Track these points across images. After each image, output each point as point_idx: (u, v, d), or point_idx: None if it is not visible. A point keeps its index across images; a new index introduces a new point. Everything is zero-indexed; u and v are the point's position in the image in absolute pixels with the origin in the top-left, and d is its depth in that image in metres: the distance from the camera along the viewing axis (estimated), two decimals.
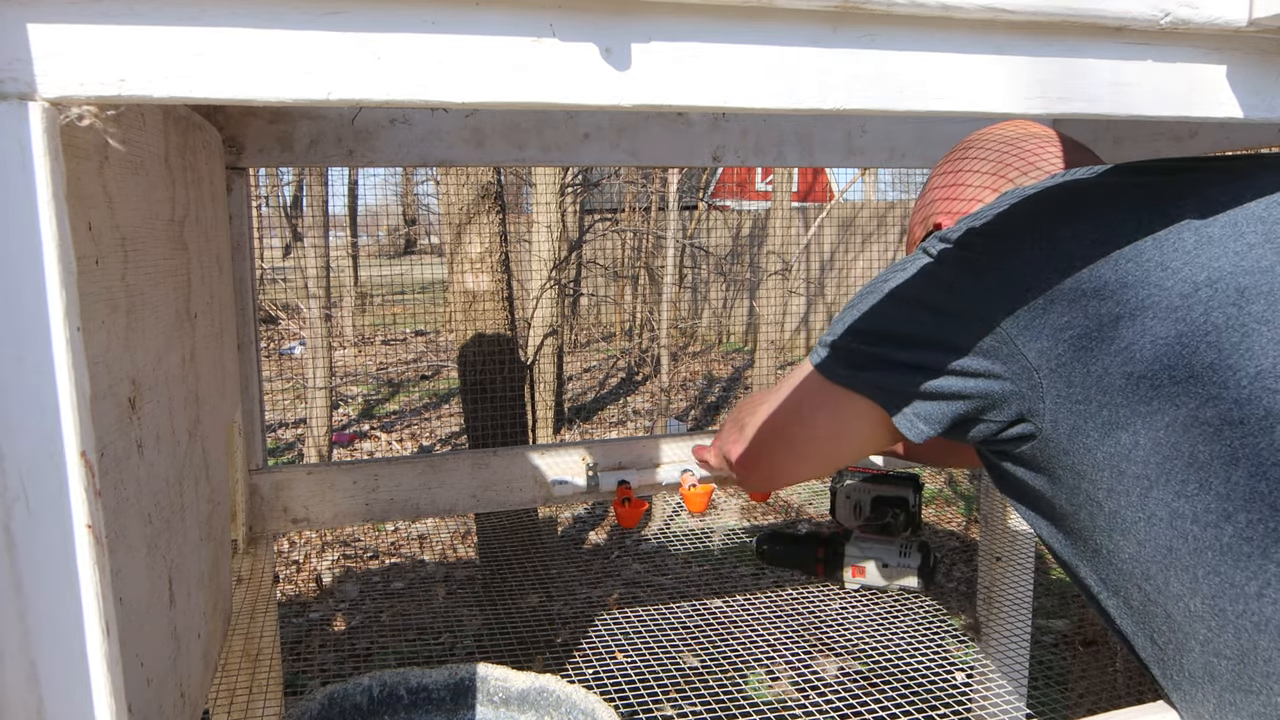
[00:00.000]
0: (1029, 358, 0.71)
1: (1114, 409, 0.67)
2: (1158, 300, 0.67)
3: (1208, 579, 0.65)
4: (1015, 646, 1.56)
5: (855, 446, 0.88)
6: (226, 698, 1.03)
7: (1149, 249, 0.69)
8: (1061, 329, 0.70)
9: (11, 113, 0.39)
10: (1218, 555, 0.64)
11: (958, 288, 0.76)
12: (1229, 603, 0.64)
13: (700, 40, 0.46)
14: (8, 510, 0.41)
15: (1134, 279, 0.69)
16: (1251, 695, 0.63)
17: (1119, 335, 0.68)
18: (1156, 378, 0.66)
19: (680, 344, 9.45)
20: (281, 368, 7.92)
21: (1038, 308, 0.71)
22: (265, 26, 0.41)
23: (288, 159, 1.34)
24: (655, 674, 1.18)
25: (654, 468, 1.52)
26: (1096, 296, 0.69)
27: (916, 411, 0.78)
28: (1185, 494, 0.65)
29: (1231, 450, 0.63)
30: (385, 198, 14.12)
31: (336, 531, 4.35)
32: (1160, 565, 0.68)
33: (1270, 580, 0.62)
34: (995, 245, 0.76)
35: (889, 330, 0.79)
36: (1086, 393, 0.69)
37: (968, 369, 0.74)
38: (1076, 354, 0.69)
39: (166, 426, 0.81)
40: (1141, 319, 0.67)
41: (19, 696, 0.42)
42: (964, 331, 0.74)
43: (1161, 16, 0.50)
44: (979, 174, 0.95)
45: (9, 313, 0.40)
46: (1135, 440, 0.67)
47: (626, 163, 1.48)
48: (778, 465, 0.96)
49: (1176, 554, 0.66)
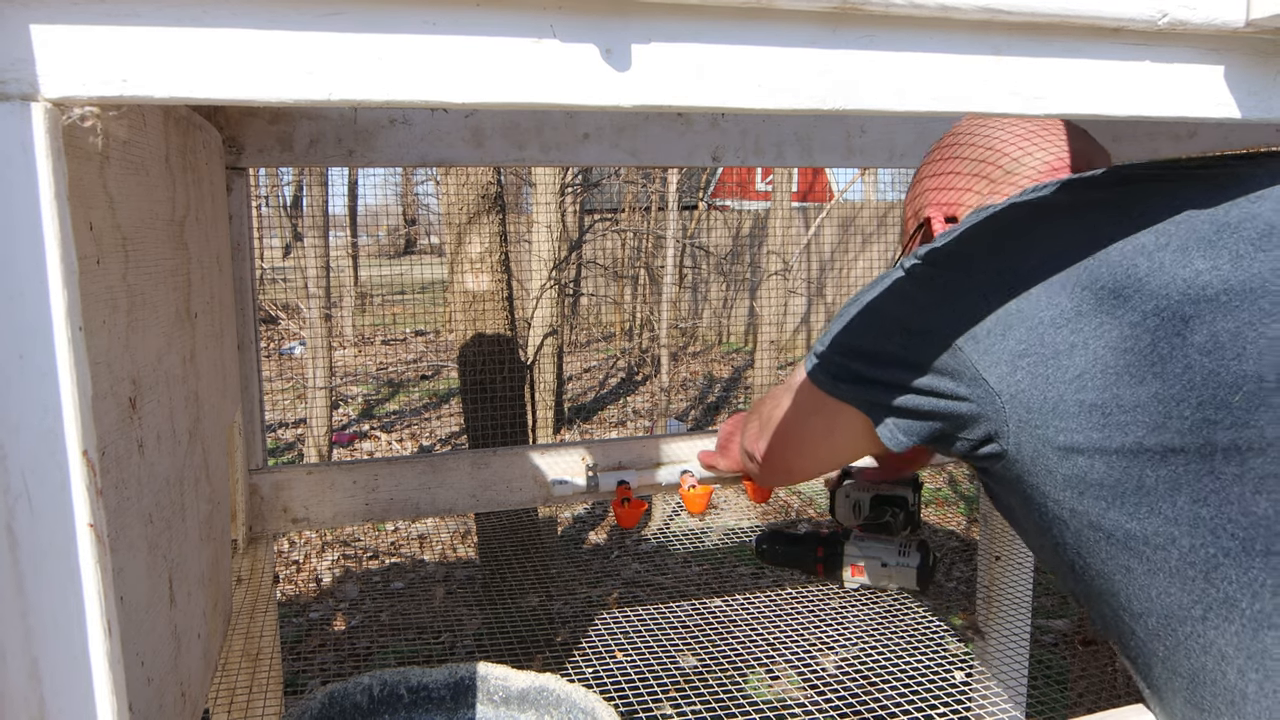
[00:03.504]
0: (990, 382, 0.72)
1: (1070, 434, 0.68)
2: (1108, 329, 0.68)
3: (1160, 599, 0.68)
4: (1015, 646, 1.56)
5: (850, 450, 0.90)
6: (226, 697, 1.03)
7: (1103, 275, 0.70)
8: (1019, 355, 0.70)
9: (14, 113, 0.39)
10: (1167, 578, 0.66)
11: (925, 308, 0.76)
12: (1178, 624, 0.67)
13: (700, 41, 0.46)
14: (10, 509, 0.41)
15: (1087, 307, 0.69)
16: (1205, 713, 0.67)
17: (1072, 363, 0.68)
18: (1106, 406, 0.67)
19: (680, 344, 9.45)
20: (281, 368, 7.92)
21: (996, 333, 0.72)
22: (266, 27, 0.41)
23: (288, 159, 1.34)
24: (655, 673, 1.18)
25: (654, 468, 1.52)
26: (1052, 325, 0.69)
27: (897, 424, 0.79)
28: (1138, 517, 0.67)
29: (1175, 476, 0.65)
30: (385, 198, 14.13)
31: (336, 531, 4.35)
32: (1122, 584, 0.70)
33: (1212, 605, 0.64)
34: (957, 267, 0.77)
35: (865, 347, 0.81)
36: (1044, 418, 0.69)
37: (936, 389, 0.75)
38: (1034, 380, 0.70)
39: (167, 426, 0.81)
40: (1094, 346, 0.68)
41: (21, 694, 0.42)
42: (931, 353, 0.75)
43: (1159, 17, 0.50)
44: (965, 166, 0.95)
45: (11, 312, 0.40)
46: (1091, 464, 0.68)
47: (626, 163, 1.48)
48: (790, 464, 1.00)
49: (1134, 574, 0.69)
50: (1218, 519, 0.63)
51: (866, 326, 0.81)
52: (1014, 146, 0.93)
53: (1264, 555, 0.62)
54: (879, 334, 0.79)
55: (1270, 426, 0.62)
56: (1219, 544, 0.63)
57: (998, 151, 0.93)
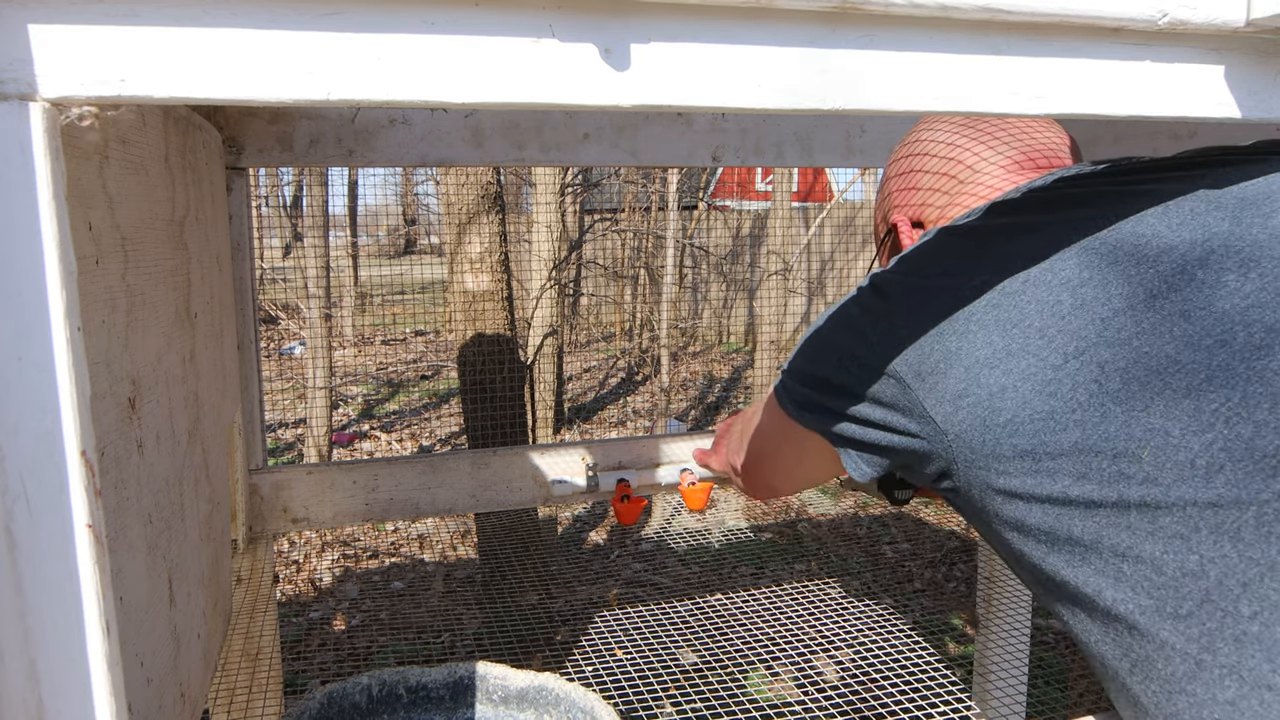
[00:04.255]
0: (937, 421, 0.70)
1: (1008, 478, 0.67)
2: (1035, 373, 0.66)
3: (1096, 647, 0.68)
4: (1015, 645, 1.56)
5: (825, 472, 0.90)
6: (226, 697, 1.03)
7: (1031, 313, 0.67)
8: (959, 395, 0.69)
9: (12, 113, 0.39)
10: (1101, 627, 0.66)
11: (873, 341, 0.74)
12: (1113, 674, 0.67)
13: (700, 40, 0.46)
14: (8, 510, 0.41)
15: (1017, 346, 0.67)
16: None
17: (1004, 405, 0.66)
18: (1036, 452, 0.65)
19: (680, 344, 9.45)
20: (281, 368, 7.93)
21: (940, 371, 0.70)
22: (265, 27, 0.41)
23: (288, 159, 1.34)
24: (655, 672, 1.18)
25: (653, 467, 1.52)
26: (986, 364, 0.68)
27: (860, 455, 0.78)
28: (1072, 565, 0.66)
29: (1099, 528, 0.63)
30: (385, 198, 14.14)
31: (336, 531, 4.35)
32: (1071, 623, 0.70)
33: (1137, 661, 0.64)
34: (904, 299, 0.74)
35: (821, 375, 0.79)
36: (986, 460, 0.68)
37: (889, 424, 0.74)
38: (973, 422, 0.68)
39: (166, 426, 0.81)
40: (1022, 390, 0.66)
41: (19, 695, 0.42)
42: (883, 388, 0.73)
43: (1159, 17, 0.50)
44: (925, 176, 0.93)
45: (10, 312, 0.40)
46: (1029, 510, 0.67)
47: (626, 163, 1.48)
48: (772, 483, 0.99)
49: (1077, 618, 0.69)
50: (1135, 575, 0.62)
51: (822, 354, 0.79)
52: (968, 153, 0.90)
53: (1173, 618, 0.61)
54: (834, 363, 0.77)
55: (1176, 485, 0.60)
56: (1136, 601, 0.62)
57: (954, 160, 0.91)
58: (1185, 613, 0.61)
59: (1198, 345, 0.62)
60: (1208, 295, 0.63)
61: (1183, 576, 0.60)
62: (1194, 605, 0.60)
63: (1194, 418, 0.61)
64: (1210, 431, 0.60)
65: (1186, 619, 0.60)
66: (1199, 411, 0.61)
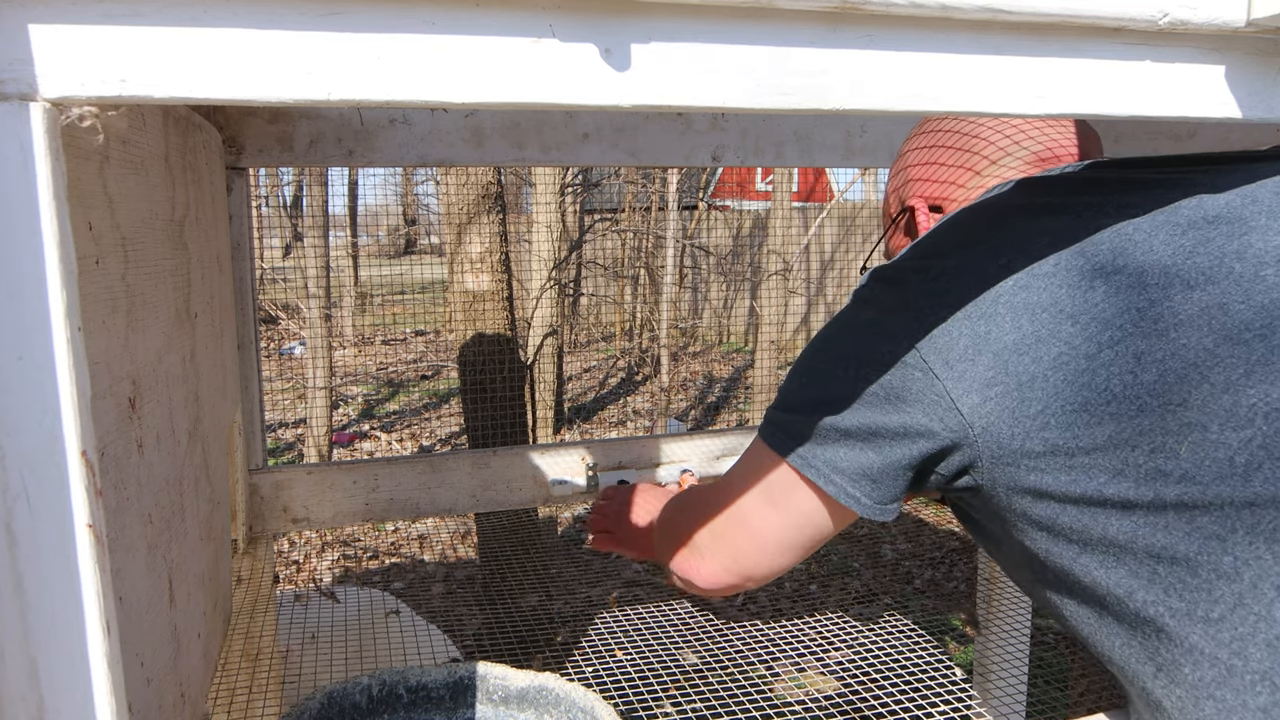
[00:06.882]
0: (964, 413, 0.66)
1: (1039, 475, 0.65)
2: (1067, 361, 0.63)
3: (1121, 651, 0.66)
4: (1015, 645, 1.56)
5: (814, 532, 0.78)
6: (226, 698, 1.03)
7: (1063, 297, 0.64)
8: (988, 384, 0.65)
9: (12, 113, 0.39)
10: (1128, 630, 0.65)
11: (892, 332, 0.70)
12: (1136, 677, 0.66)
13: (700, 40, 0.46)
14: (9, 509, 0.41)
15: (1047, 332, 0.64)
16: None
17: (1035, 395, 0.63)
18: (1069, 448, 0.63)
19: (680, 344, 9.45)
20: (281, 368, 7.93)
21: (968, 357, 0.66)
22: (265, 27, 0.41)
23: (288, 159, 1.34)
24: (655, 672, 1.18)
25: (654, 467, 1.52)
26: (1015, 351, 0.64)
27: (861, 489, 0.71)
28: (1106, 565, 0.64)
29: (1135, 528, 0.62)
30: (385, 198, 14.14)
31: (336, 531, 4.35)
32: (1094, 628, 0.68)
33: (1162, 665, 0.63)
34: (924, 283, 0.70)
35: (824, 397, 0.72)
36: (1015, 456, 0.65)
37: (905, 429, 0.69)
38: (1001, 414, 0.65)
39: (166, 426, 0.81)
40: (1053, 379, 0.63)
41: (19, 695, 0.42)
42: (903, 382, 0.68)
43: (1160, 17, 0.50)
44: (950, 157, 0.89)
45: (10, 312, 0.40)
46: (1062, 510, 0.65)
47: (626, 163, 1.48)
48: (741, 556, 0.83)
49: (1104, 620, 0.67)
50: (1170, 577, 0.61)
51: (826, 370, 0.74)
52: (1001, 135, 0.87)
53: (1204, 622, 0.59)
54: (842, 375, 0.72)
55: (1214, 484, 0.58)
56: (1168, 603, 0.61)
57: (984, 140, 0.87)
58: (1217, 616, 0.59)
59: (1237, 339, 0.60)
60: (1246, 288, 0.62)
61: (1216, 579, 0.59)
62: (1226, 609, 0.59)
63: (1232, 413, 0.59)
64: (1249, 427, 0.59)
65: (1218, 623, 0.59)
66: (1237, 407, 0.59)
